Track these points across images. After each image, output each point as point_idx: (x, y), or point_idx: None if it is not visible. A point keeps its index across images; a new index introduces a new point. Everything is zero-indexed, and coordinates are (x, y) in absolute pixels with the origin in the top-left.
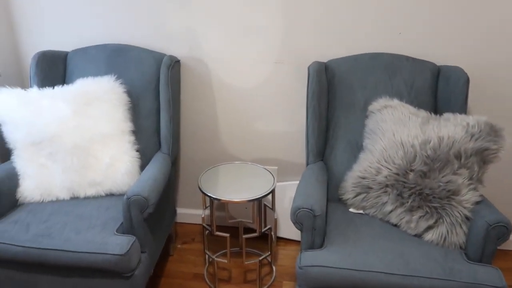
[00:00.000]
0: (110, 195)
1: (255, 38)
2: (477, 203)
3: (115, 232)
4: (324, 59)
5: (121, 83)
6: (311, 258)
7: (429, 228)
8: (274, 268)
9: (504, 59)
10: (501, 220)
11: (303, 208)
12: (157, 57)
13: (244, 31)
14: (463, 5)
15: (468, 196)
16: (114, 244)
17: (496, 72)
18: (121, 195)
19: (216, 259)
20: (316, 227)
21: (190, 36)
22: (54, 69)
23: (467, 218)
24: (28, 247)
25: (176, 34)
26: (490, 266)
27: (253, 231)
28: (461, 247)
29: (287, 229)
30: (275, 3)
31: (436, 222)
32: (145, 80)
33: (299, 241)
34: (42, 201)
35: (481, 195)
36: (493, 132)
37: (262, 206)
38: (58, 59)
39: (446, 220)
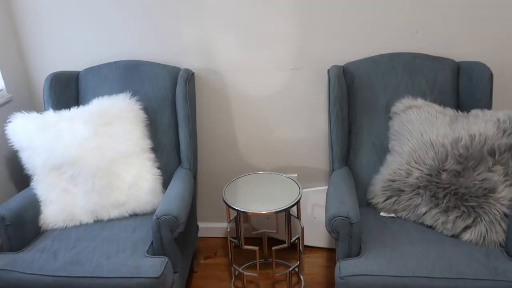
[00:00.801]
0: (134, 215)
1: (270, 46)
2: None
3: (146, 254)
4: (341, 62)
5: (137, 100)
6: (351, 267)
7: (467, 227)
8: (302, 277)
9: None
10: None
11: (338, 216)
12: (171, 71)
13: (258, 39)
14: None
15: (505, 193)
16: (147, 266)
17: None
18: (145, 215)
19: (245, 273)
20: (353, 235)
21: (203, 48)
22: (67, 90)
23: (506, 215)
24: (59, 276)
25: (188, 47)
26: None
27: (277, 240)
28: (501, 245)
29: (311, 237)
30: (288, 9)
31: (474, 221)
32: (160, 95)
33: (323, 248)
34: (66, 227)
35: None
36: None
37: (289, 217)
38: (70, 79)
39: (484, 218)
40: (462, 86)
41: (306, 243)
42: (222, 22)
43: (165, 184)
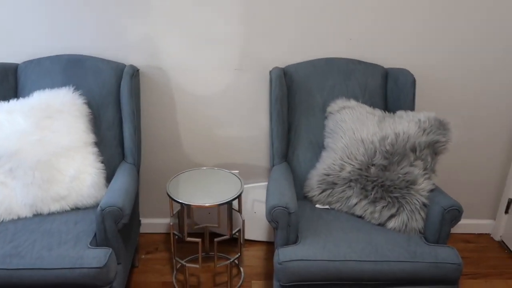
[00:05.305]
0: (76, 209)
1: (215, 46)
2: (432, 190)
3: (89, 246)
4: (282, 64)
5: (80, 94)
6: (289, 253)
7: (392, 216)
8: (241, 269)
9: (446, 59)
10: (454, 204)
11: (278, 206)
12: (116, 67)
13: (203, 39)
14: (405, 12)
15: (424, 185)
16: (91, 257)
17: (438, 72)
18: (87, 208)
19: (187, 264)
20: (291, 224)
21: (148, 45)
22: (4, 83)
23: (424, 205)
24: None
25: (134, 43)
26: (447, 246)
27: (217, 235)
28: (420, 232)
29: (251, 231)
30: (234, 11)
31: (397, 210)
32: (105, 90)
33: (262, 241)
34: (2, 221)
35: (434, 184)
36: (442, 126)
37: (231, 210)
38: (8, 71)
39: (406, 208)
40: (389, 89)
41: (247, 236)
42: (168, 20)
43: (108, 179)
